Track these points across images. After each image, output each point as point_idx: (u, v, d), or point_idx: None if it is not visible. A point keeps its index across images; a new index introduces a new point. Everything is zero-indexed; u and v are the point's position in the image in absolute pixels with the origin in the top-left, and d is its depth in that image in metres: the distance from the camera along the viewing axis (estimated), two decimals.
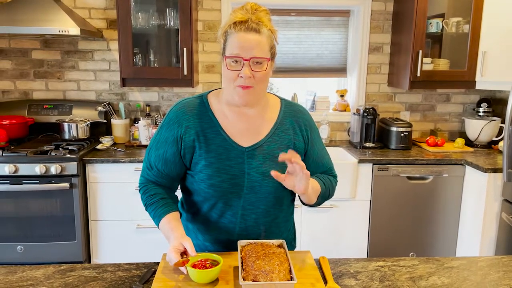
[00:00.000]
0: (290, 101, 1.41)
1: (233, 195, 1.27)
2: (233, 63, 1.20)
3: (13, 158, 2.48)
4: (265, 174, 1.27)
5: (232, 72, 1.20)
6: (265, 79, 1.24)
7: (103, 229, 2.66)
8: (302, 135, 1.35)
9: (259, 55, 1.19)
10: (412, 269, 1.24)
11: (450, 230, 2.82)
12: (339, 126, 3.31)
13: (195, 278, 1.08)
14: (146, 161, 1.34)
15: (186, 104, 1.32)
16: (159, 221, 1.26)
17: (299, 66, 3.28)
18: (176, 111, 1.31)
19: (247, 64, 1.18)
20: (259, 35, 1.19)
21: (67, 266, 1.23)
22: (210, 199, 1.29)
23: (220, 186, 1.26)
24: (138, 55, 2.90)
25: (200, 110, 1.31)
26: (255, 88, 1.22)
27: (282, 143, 1.32)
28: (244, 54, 1.18)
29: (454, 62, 3.05)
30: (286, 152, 1.32)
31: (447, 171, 2.73)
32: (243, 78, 1.19)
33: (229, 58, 1.19)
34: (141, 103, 3.17)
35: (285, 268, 1.06)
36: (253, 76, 1.20)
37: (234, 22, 1.19)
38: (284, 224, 1.39)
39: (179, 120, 1.29)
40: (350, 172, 2.67)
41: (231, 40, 1.19)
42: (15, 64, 3.08)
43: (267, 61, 1.21)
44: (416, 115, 3.32)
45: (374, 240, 2.81)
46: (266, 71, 1.22)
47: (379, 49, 3.22)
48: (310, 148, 1.36)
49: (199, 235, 1.37)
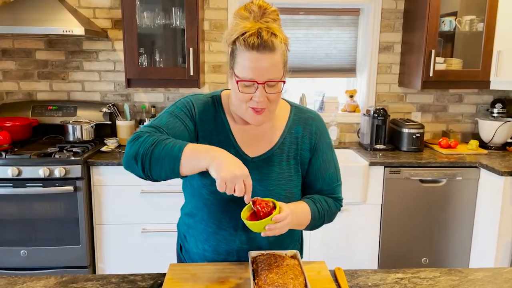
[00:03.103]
0: (301, 107, 1.32)
1: (234, 205, 1.19)
2: (245, 87, 1.11)
3: (16, 160, 2.43)
4: (268, 187, 1.20)
5: (244, 95, 1.12)
6: (278, 99, 1.16)
7: (108, 233, 2.61)
8: (310, 144, 1.27)
9: (274, 77, 1.10)
10: (433, 282, 1.16)
11: (464, 235, 2.73)
12: (348, 127, 3.24)
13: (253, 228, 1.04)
14: (152, 124, 1.16)
15: (202, 98, 1.25)
16: (184, 146, 1.04)
17: (308, 66, 3.20)
18: (194, 100, 1.24)
19: (261, 88, 1.09)
20: (273, 54, 1.08)
21: (69, 277, 1.17)
22: (210, 207, 1.22)
23: (221, 195, 1.17)
24: (143, 55, 2.84)
25: (214, 110, 1.24)
26: (268, 108, 1.14)
27: (289, 154, 1.25)
28: (258, 78, 1.08)
29: (466, 61, 2.96)
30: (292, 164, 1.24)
31: (461, 174, 2.65)
32: (257, 102, 1.11)
33: (241, 82, 1.10)
34: (147, 104, 3.11)
35: (300, 282, 0.99)
36: (267, 98, 1.12)
37: (242, 35, 1.08)
38: (288, 237, 1.30)
39: (197, 109, 1.22)
40: (361, 175, 2.59)
41: (241, 60, 1.09)
42: (19, 65, 3.03)
43: (282, 82, 1.13)
44: (427, 116, 3.24)
45: (385, 245, 2.73)
46: (280, 92, 1.14)
47: (389, 48, 3.14)
48: (314, 156, 1.27)
49: (198, 244, 1.29)
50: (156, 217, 2.59)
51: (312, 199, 1.26)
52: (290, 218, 1.07)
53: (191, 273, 1.16)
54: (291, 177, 1.24)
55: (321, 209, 1.24)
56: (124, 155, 1.12)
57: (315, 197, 1.27)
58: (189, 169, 1.04)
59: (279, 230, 1.05)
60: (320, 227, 1.29)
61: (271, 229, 1.03)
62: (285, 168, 1.24)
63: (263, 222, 1.02)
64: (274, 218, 1.02)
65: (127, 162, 1.11)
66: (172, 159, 1.03)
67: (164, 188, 2.51)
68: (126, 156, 1.11)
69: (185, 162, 1.03)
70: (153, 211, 2.59)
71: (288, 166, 1.24)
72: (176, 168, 1.03)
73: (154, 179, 1.10)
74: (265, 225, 1.02)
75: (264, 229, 1.03)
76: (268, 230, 1.03)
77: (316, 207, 1.23)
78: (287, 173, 1.24)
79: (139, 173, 1.10)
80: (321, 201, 1.26)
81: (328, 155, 1.29)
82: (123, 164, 1.13)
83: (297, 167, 1.26)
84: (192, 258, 1.33)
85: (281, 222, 1.04)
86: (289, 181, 1.24)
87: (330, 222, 1.32)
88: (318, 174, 1.27)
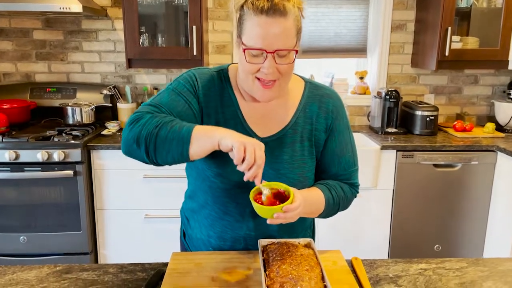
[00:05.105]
0: (316, 84, 1.20)
1: (241, 190, 1.09)
2: (253, 56, 1.00)
3: (13, 144, 2.33)
4: (280, 171, 1.09)
5: (252, 65, 1.00)
6: (290, 71, 1.04)
7: (109, 219, 2.52)
8: (325, 124, 1.15)
9: (285, 46, 0.98)
10: (461, 273, 1.06)
11: (478, 222, 2.63)
12: (358, 110, 3.11)
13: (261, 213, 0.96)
14: (152, 103, 1.04)
15: (206, 72, 1.13)
16: (192, 128, 0.94)
17: (316, 46, 3.06)
18: (198, 74, 1.12)
19: (271, 58, 0.98)
20: (285, 19, 0.96)
21: (63, 267, 1.08)
22: (216, 190, 1.11)
23: (227, 178, 1.08)
24: (144, 35, 2.72)
25: (220, 85, 1.13)
26: (279, 82, 1.03)
27: (303, 135, 1.13)
28: (267, 47, 0.97)
29: (483, 40, 2.82)
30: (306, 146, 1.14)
31: (477, 158, 2.53)
32: (265, 73, 1.00)
33: (249, 50, 0.99)
34: (148, 86, 2.99)
35: (316, 274, 0.89)
36: (277, 69, 1.00)
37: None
38: (300, 224, 1.19)
39: (201, 84, 1.10)
40: (372, 159, 2.48)
41: (249, 26, 0.98)
42: (16, 45, 2.91)
43: (294, 51, 1.01)
44: (441, 98, 3.11)
45: (396, 232, 2.63)
46: (292, 63, 1.02)
47: (402, 27, 2.99)
48: (329, 137, 1.15)
49: (203, 229, 1.19)
50: (160, 203, 2.50)
51: (327, 185, 1.15)
52: (301, 209, 0.97)
53: (195, 263, 1.07)
54: (304, 160, 1.14)
55: (336, 197, 1.14)
56: (123, 139, 1.00)
57: (329, 183, 1.16)
58: (199, 150, 0.94)
59: (285, 220, 0.95)
60: (333, 215, 1.19)
61: (278, 218, 0.93)
62: (298, 150, 1.13)
63: (271, 209, 0.92)
64: (285, 208, 0.92)
65: (128, 146, 0.99)
66: (180, 142, 0.93)
67: (167, 173, 2.42)
68: (126, 140, 0.99)
69: (195, 143, 0.93)
70: (156, 196, 2.50)
71: (302, 148, 1.14)
72: (185, 151, 0.93)
73: (159, 163, 0.99)
74: (274, 212, 0.92)
75: (272, 216, 0.93)
76: (276, 218, 0.93)
77: (331, 194, 1.13)
78: (300, 155, 1.13)
79: (142, 157, 0.99)
80: (336, 188, 1.15)
81: (345, 136, 1.18)
82: (122, 149, 1.01)
83: (311, 149, 1.15)
84: (196, 245, 1.24)
85: (290, 212, 0.94)
86: (302, 164, 1.13)
87: (345, 210, 1.21)
88: (334, 158, 1.16)
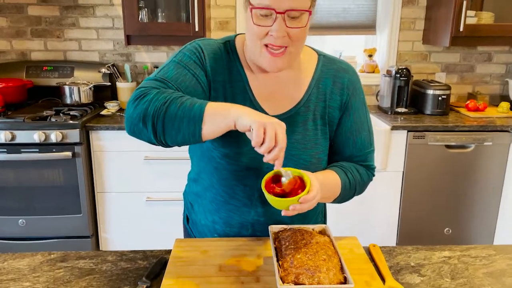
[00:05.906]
0: (330, 57, 1.09)
1: (250, 172, 1.00)
2: (261, 17, 0.89)
3: (9, 124, 2.24)
4: (291, 152, 1.00)
5: (259, 28, 0.90)
6: (303, 38, 0.93)
7: (110, 201, 2.45)
8: (340, 101, 1.05)
9: (298, 6, 0.87)
10: (488, 261, 0.98)
11: (491, 204, 2.55)
12: (366, 89, 3.00)
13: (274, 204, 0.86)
14: (157, 77, 0.94)
15: (212, 43, 1.03)
16: (205, 105, 0.85)
17: (323, 22, 2.93)
18: (204, 45, 1.01)
19: (280, 19, 0.87)
20: None
21: (58, 255, 1.00)
22: (222, 172, 1.03)
23: (235, 159, 1.00)
24: (144, 10, 2.59)
25: (227, 57, 1.02)
26: (289, 50, 0.92)
27: (316, 113, 1.03)
28: (276, 5, 0.86)
29: (499, 15, 2.69)
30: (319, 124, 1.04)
31: (491, 138, 2.43)
32: (274, 37, 0.89)
33: (256, 9, 0.89)
34: (149, 65, 2.88)
35: (335, 264, 0.81)
36: (287, 34, 0.89)
37: None
38: (311, 209, 1.11)
39: (208, 56, 1.00)
40: (382, 140, 2.38)
41: None
42: (10, 22, 2.79)
43: (307, 13, 0.90)
44: (452, 77, 2.99)
45: (406, 214, 2.55)
46: (304, 27, 0.91)
47: (413, 1, 2.85)
48: (344, 115, 1.06)
49: (207, 214, 1.11)
50: (162, 185, 2.42)
51: (342, 167, 1.06)
52: (318, 197, 0.88)
53: (200, 250, 0.98)
54: (317, 140, 1.04)
55: (352, 180, 1.05)
56: (127, 117, 0.88)
57: (345, 165, 1.07)
58: (213, 130, 0.83)
59: (301, 211, 0.86)
60: (348, 200, 1.10)
61: (295, 210, 0.83)
62: (311, 130, 1.03)
63: (287, 201, 0.82)
64: (301, 199, 0.82)
65: (133, 125, 0.87)
66: (191, 120, 0.83)
67: (169, 155, 2.33)
68: (130, 118, 0.87)
69: (208, 122, 0.82)
70: (158, 178, 2.42)
71: (315, 127, 1.04)
72: (197, 131, 0.83)
73: (168, 144, 0.88)
74: (289, 204, 0.82)
75: (287, 208, 0.83)
76: (292, 210, 0.83)
77: (347, 177, 1.04)
78: (313, 135, 1.04)
79: (149, 137, 0.87)
80: (352, 170, 1.06)
81: (361, 114, 1.08)
82: (126, 128, 0.90)
83: (324, 129, 1.05)
84: (200, 231, 1.16)
85: (307, 203, 0.84)
86: (315, 144, 1.04)
87: (360, 194, 1.13)
88: (349, 137, 1.07)
